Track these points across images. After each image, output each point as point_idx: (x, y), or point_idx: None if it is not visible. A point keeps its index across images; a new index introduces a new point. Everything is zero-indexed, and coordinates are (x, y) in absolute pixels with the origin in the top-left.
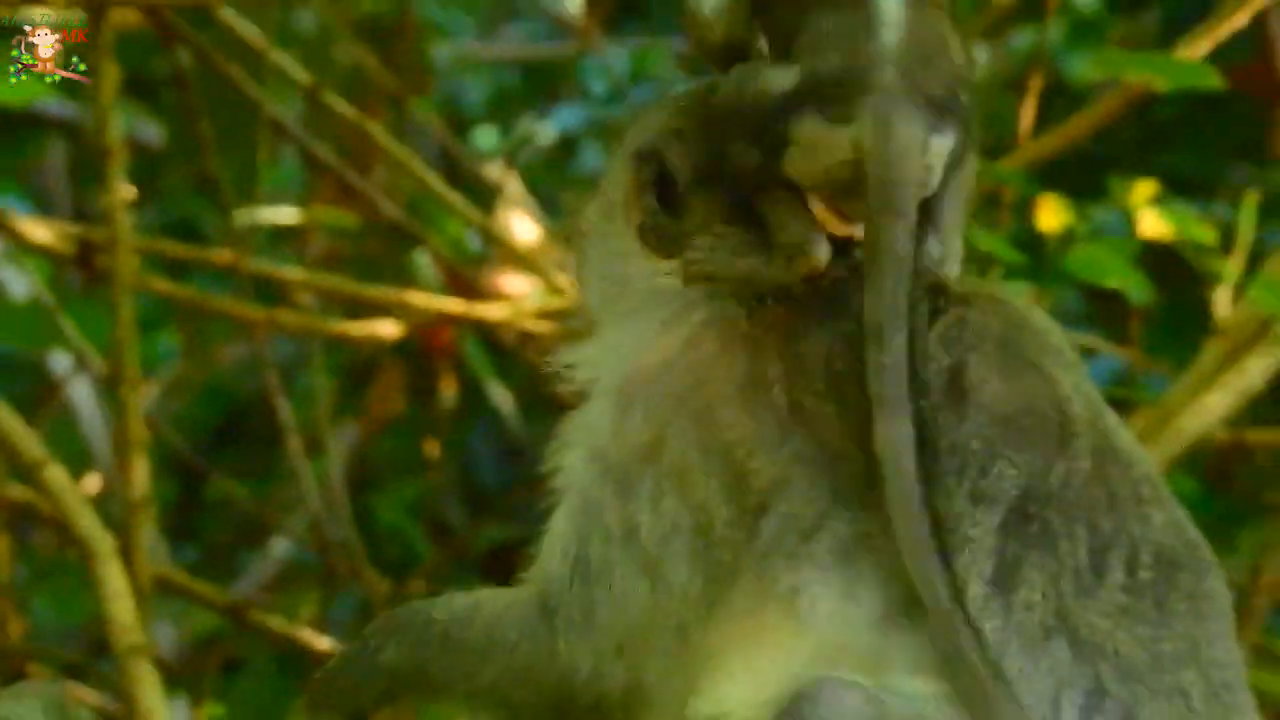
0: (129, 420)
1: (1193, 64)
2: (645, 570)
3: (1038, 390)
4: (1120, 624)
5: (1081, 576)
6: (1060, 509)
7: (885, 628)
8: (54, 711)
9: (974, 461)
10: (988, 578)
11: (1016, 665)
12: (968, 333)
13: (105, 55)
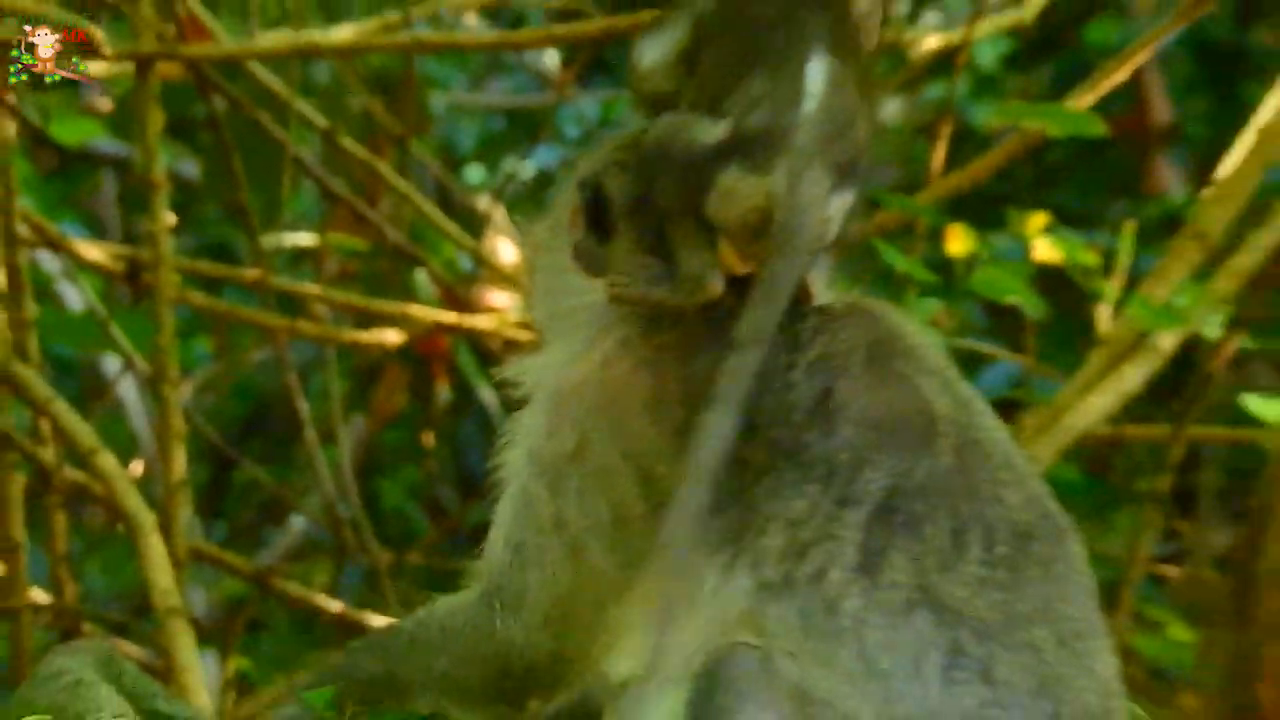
0: (169, 414)
1: (1079, 114)
2: (571, 555)
3: (903, 398)
4: (978, 593)
5: (943, 555)
6: (924, 500)
7: (758, 599)
8: (103, 665)
9: (841, 471)
10: (851, 565)
11: (877, 635)
12: (836, 353)
13: (151, 102)
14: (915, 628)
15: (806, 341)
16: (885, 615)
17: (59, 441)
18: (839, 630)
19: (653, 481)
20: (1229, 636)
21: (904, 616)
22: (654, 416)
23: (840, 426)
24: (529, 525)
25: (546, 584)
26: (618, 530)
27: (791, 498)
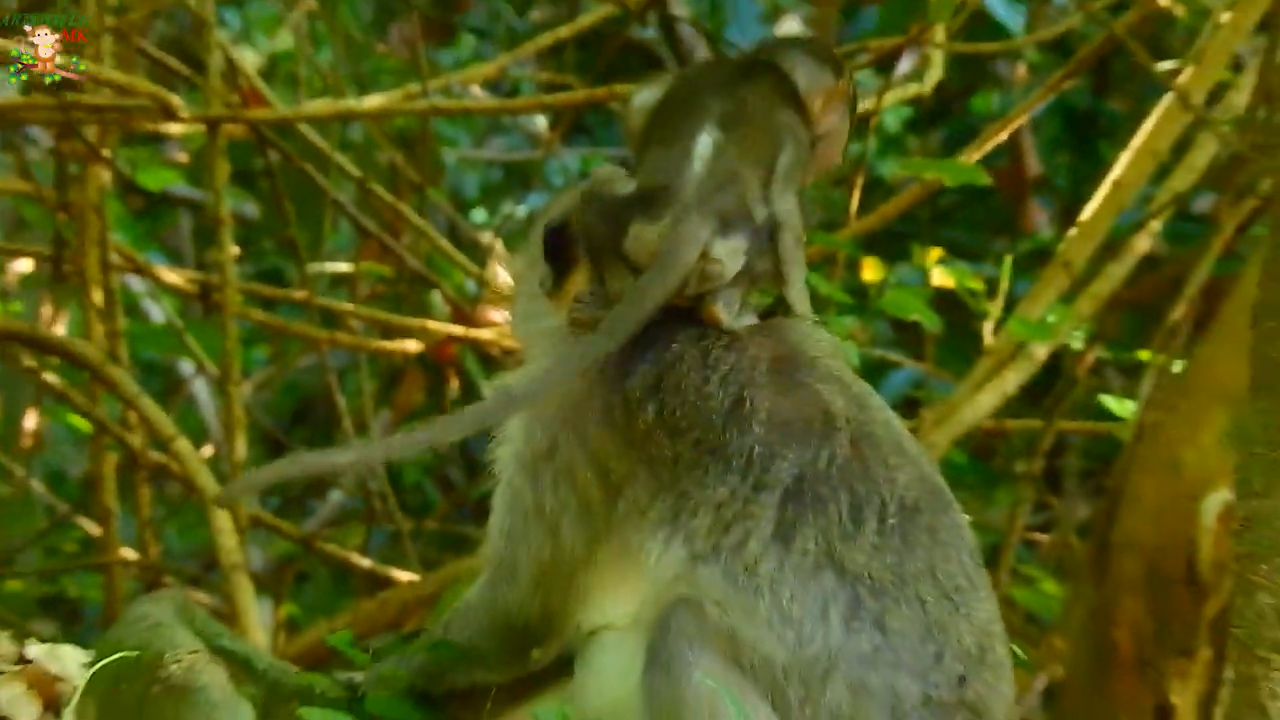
0: (232, 407)
1: (966, 167)
2: (549, 534)
3: (805, 401)
4: (874, 557)
5: (845, 527)
6: (827, 483)
7: (689, 569)
8: (179, 610)
9: (756, 462)
10: (767, 537)
11: (790, 591)
12: (744, 368)
13: (219, 155)
14: (821, 586)
15: (718, 359)
16: (796, 576)
17: (144, 429)
18: (758, 587)
19: (607, 475)
20: (1089, 591)
21: (812, 577)
22: (607, 425)
23: (753, 427)
24: (516, 512)
25: (532, 558)
26: (583, 513)
27: (715, 486)
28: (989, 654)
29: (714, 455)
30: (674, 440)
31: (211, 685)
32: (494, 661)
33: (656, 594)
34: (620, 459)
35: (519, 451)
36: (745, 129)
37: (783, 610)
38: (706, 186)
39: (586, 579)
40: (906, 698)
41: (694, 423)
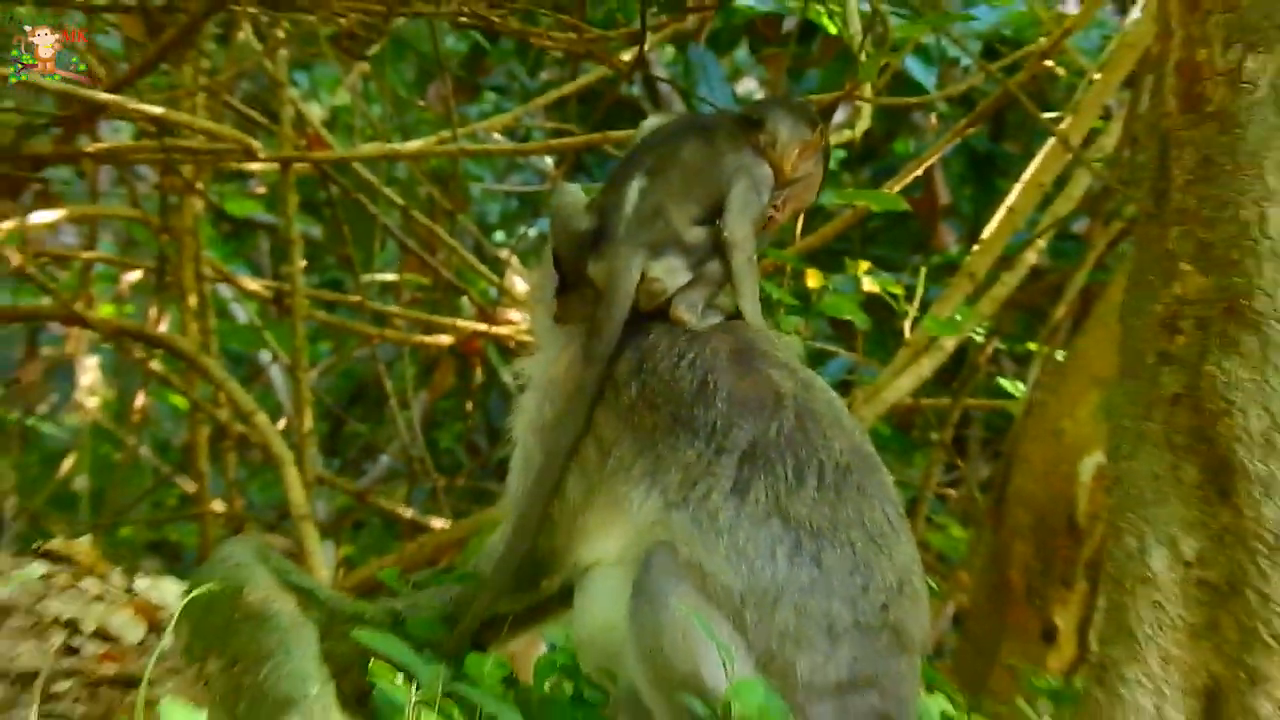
0: (301, 389)
1: (890, 196)
2: (552, 487)
3: (758, 383)
4: (813, 508)
5: (790, 484)
6: (775, 449)
7: (665, 512)
8: (258, 551)
9: (718, 431)
10: (726, 491)
11: (743, 534)
12: (708, 356)
13: (289, 188)
14: (770, 530)
15: (685, 349)
16: (750, 522)
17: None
18: (719, 531)
19: (601, 440)
20: (989, 536)
21: (762, 523)
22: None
23: (716, 403)
24: (528, 468)
25: (542, 507)
26: (581, 471)
27: (685, 449)
28: (907, 586)
29: (684, 425)
30: (652, 412)
31: (283, 612)
32: (510, 592)
33: (638, 536)
34: (610, 427)
35: (531, 420)
36: (674, 175)
37: (739, 549)
38: (633, 224)
39: (584, 522)
40: (840, 620)
41: (668, 399)
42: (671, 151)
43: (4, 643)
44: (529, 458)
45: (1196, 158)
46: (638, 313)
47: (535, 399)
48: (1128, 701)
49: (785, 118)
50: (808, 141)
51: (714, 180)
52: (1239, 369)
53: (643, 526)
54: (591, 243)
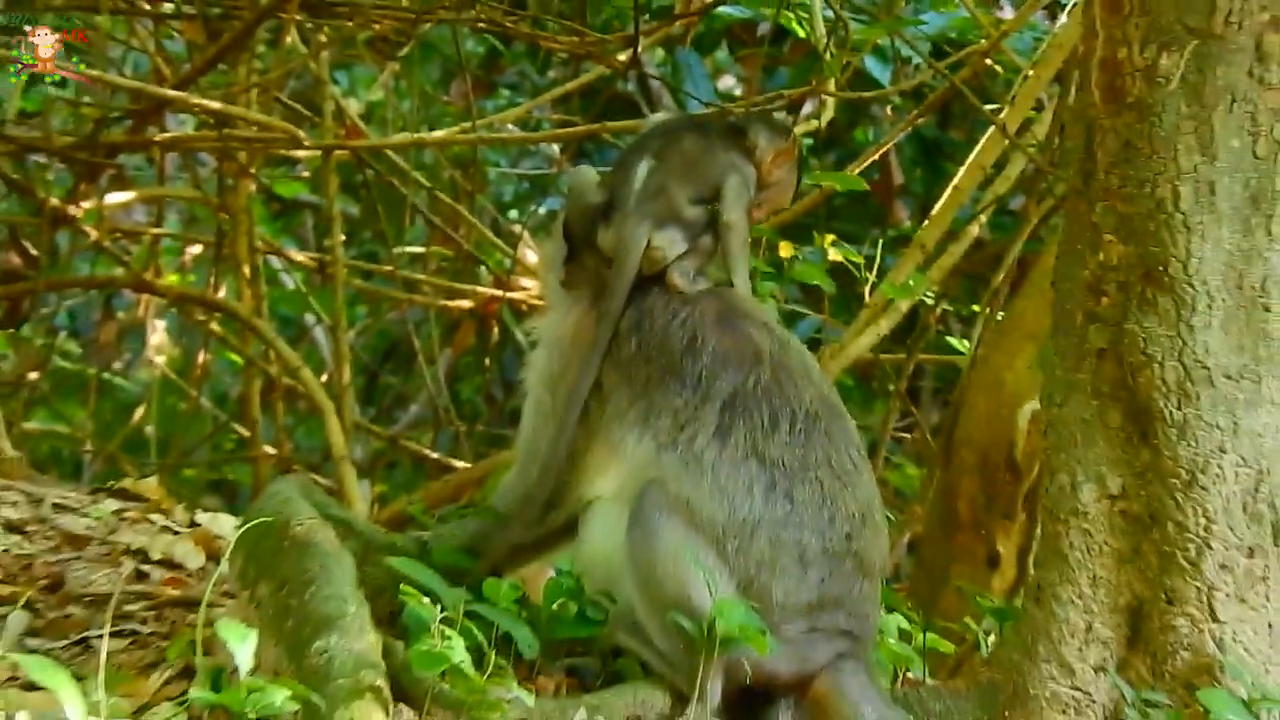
0: (341, 347)
1: (852, 178)
2: (560, 431)
3: (741, 340)
4: (785, 450)
5: (765, 429)
6: (753, 398)
7: (656, 452)
8: (303, 489)
9: (703, 382)
10: (710, 434)
11: (724, 473)
12: (697, 316)
13: (331, 172)
14: (748, 470)
15: (678, 310)
16: (730, 463)
17: (279, 362)
18: (703, 470)
19: (601, 387)
20: (939, 473)
21: (742, 464)
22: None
23: (702, 356)
24: (539, 415)
25: (549, 450)
26: (584, 416)
27: (674, 396)
28: (869, 519)
29: (674, 376)
30: (647, 364)
31: (324, 541)
32: (522, 524)
33: (632, 474)
34: (609, 375)
35: (541, 371)
36: (676, 160)
37: (721, 486)
38: (641, 198)
39: (586, 462)
40: (810, 548)
41: (661, 352)
42: (674, 141)
43: (82, 569)
44: (539, 405)
45: (1118, 143)
46: (640, 277)
47: (545, 354)
48: (1061, 619)
49: (764, 130)
50: (781, 150)
51: (710, 170)
52: (1156, 327)
53: (636, 466)
54: (602, 214)
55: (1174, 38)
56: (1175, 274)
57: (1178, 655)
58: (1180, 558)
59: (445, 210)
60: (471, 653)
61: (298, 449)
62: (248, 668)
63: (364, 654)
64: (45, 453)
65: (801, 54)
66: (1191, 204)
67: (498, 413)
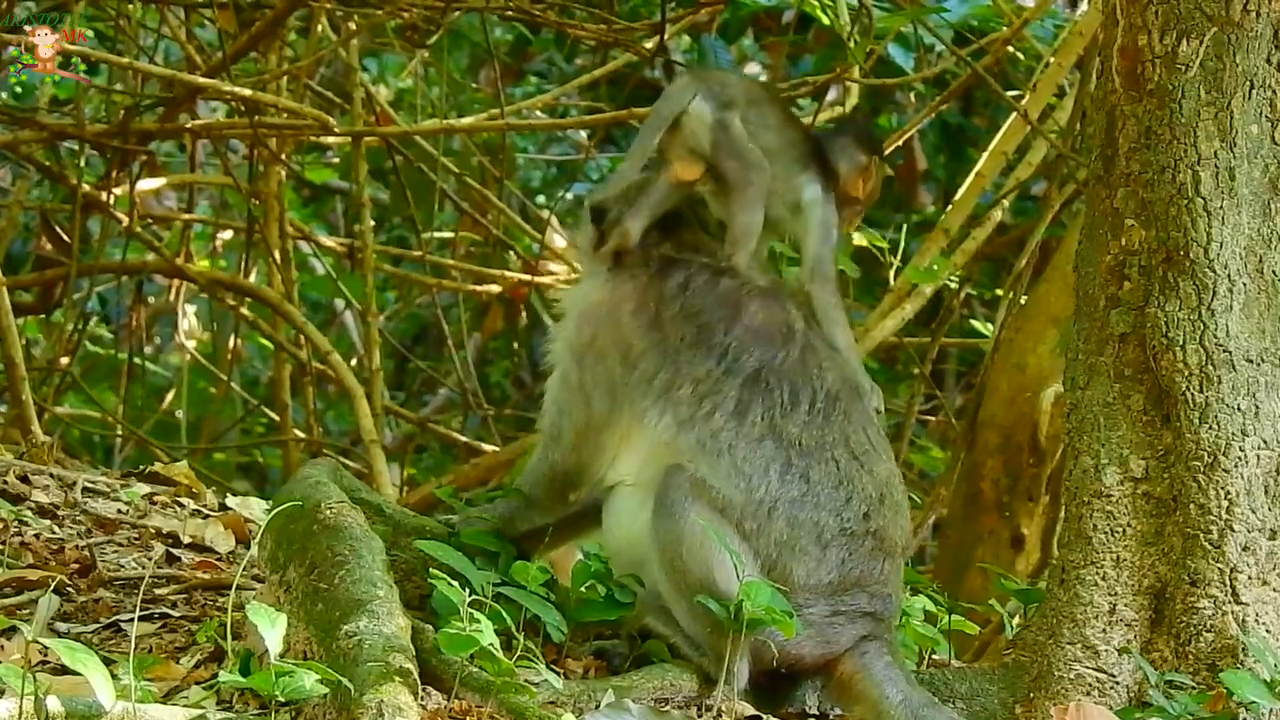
0: (371, 332)
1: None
2: (584, 404)
3: (776, 317)
4: (804, 430)
5: (785, 407)
6: (777, 374)
7: (675, 432)
8: (333, 472)
9: (731, 351)
10: (729, 411)
11: (742, 453)
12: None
13: (360, 159)
14: (764, 449)
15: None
16: (747, 442)
17: (309, 347)
18: (720, 450)
19: (629, 354)
20: (964, 455)
21: (758, 443)
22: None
23: (735, 327)
24: (564, 388)
25: (572, 423)
26: (608, 387)
27: (699, 365)
28: (887, 498)
29: (705, 343)
30: (683, 324)
31: (354, 524)
32: (545, 504)
33: (653, 455)
34: (641, 339)
35: (570, 341)
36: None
37: (738, 466)
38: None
39: (609, 439)
40: (827, 528)
41: (701, 313)
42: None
43: (112, 553)
44: (565, 377)
45: (1138, 129)
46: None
47: (574, 323)
48: (1085, 600)
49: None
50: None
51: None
52: (1177, 310)
53: (656, 444)
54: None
55: (1193, 25)
56: (1196, 258)
57: (1201, 637)
58: (1203, 540)
59: (474, 196)
60: (500, 635)
61: (327, 433)
62: (277, 651)
63: (393, 637)
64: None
65: (826, 41)
66: (1212, 189)
67: (526, 396)
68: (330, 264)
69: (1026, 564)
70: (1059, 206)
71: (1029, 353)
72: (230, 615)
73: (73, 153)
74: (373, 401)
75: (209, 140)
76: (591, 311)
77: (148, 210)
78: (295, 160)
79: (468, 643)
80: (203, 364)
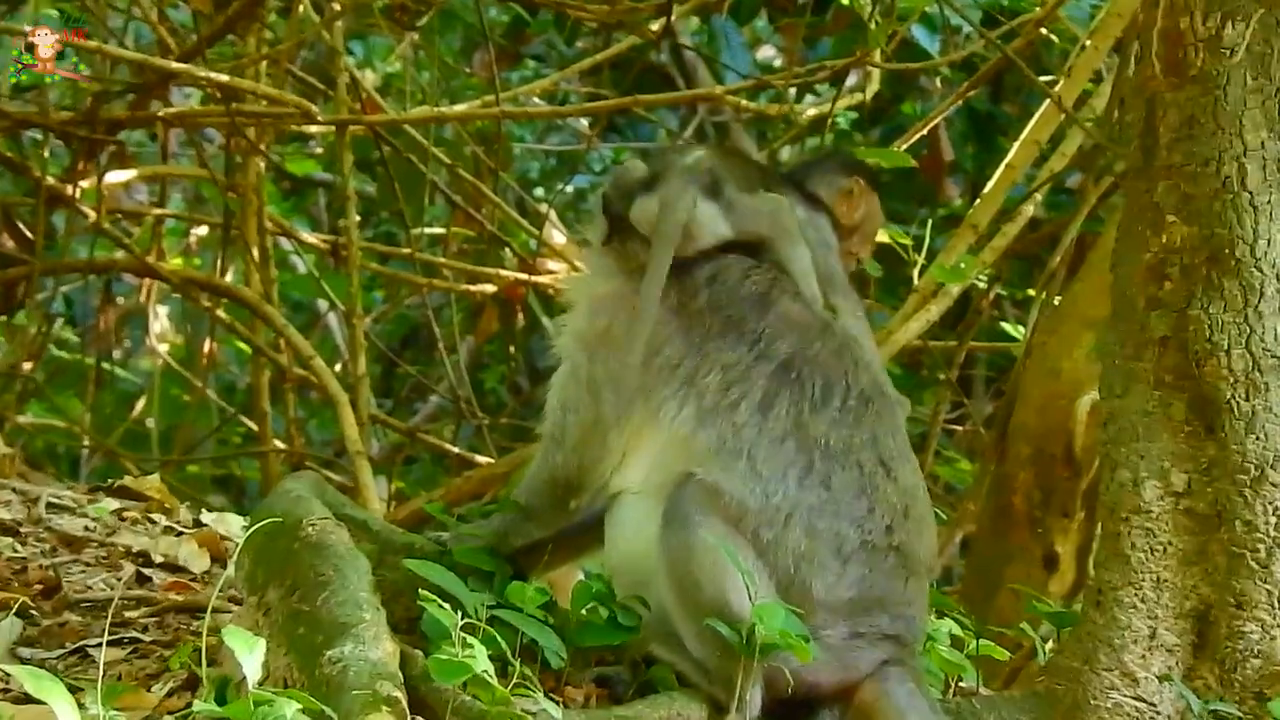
0: (356, 335)
1: (899, 154)
2: (593, 400)
3: (812, 315)
4: (831, 430)
5: (814, 403)
6: (810, 366)
7: (694, 426)
8: (315, 486)
9: (763, 339)
10: (755, 403)
11: (761, 455)
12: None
13: (345, 149)
14: (786, 450)
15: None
16: (769, 440)
17: (290, 351)
18: (738, 450)
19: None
20: (993, 468)
21: (779, 442)
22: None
23: (769, 314)
24: (571, 382)
25: (578, 422)
26: (619, 380)
27: (729, 350)
28: (911, 510)
29: (735, 328)
30: (711, 314)
31: (338, 542)
32: (544, 514)
33: (664, 456)
34: (664, 325)
35: (580, 332)
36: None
37: (755, 469)
38: (691, 171)
39: (616, 439)
40: (847, 540)
41: (730, 302)
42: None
43: (79, 573)
44: (574, 368)
45: (1180, 117)
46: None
47: (583, 314)
48: (1124, 624)
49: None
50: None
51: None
52: (1222, 313)
53: (670, 443)
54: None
55: (1239, 6)
56: (1242, 256)
57: (1247, 663)
58: (1249, 559)
59: (467, 189)
60: (495, 661)
61: (310, 443)
62: (256, 678)
63: (380, 663)
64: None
65: (845, 23)
66: (1259, 182)
67: (523, 404)
68: (313, 262)
69: (1060, 584)
70: (1096, 200)
71: (1063, 358)
72: (205, 640)
73: (36, 142)
74: (358, 410)
75: (183, 129)
76: (606, 300)
77: (117, 204)
78: (275, 151)
79: (460, 669)
80: (176, 369)
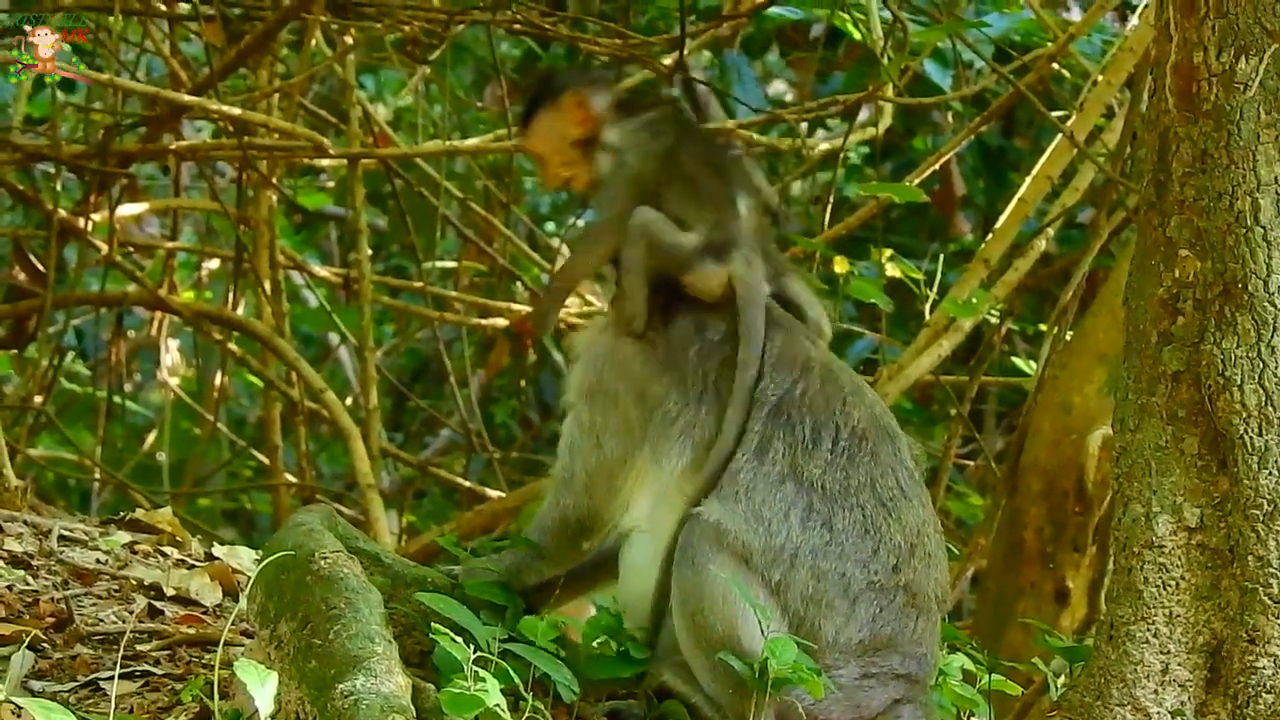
0: (367, 368)
1: (910, 189)
2: (597, 446)
3: (798, 350)
4: (826, 471)
5: (806, 445)
6: (798, 407)
7: (686, 476)
8: (327, 519)
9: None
10: (751, 448)
11: (761, 497)
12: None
13: (357, 182)
14: (784, 492)
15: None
16: (766, 483)
17: (302, 384)
18: (737, 493)
19: (645, 396)
20: (1005, 502)
21: (778, 485)
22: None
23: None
24: (576, 431)
25: (585, 467)
26: (623, 429)
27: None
28: (918, 548)
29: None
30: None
31: (350, 575)
32: (556, 554)
33: (667, 499)
34: (656, 382)
35: (580, 384)
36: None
37: (755, 511)
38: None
39: (622, 482)
40: (854, 581)
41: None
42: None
43: (90, 606)
44: (577, 417)
45: (1193, 152)
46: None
47: (586, 367)
48: (1136, 659)
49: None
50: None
51: None
52: (1235, 348)
53: (671, 487)
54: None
55: (1252, 41)
56: (1255, 291)
57: (1260, 699)
58: (1262, 594)
59: (478, 222)
60: (507, 695)
61: (321, 477)
62: (268, 712)
63: (392, 696)
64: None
65: (857, 57)
66: (1272, 217)
67: (533, 437)
68: (324, 295)
69: (1072, 619)
70: (1107, 235)
71: (1075, 392)
72: (217, 673)
73: (48, 175)
74: (369, 443)
75: (194, 162)
76: (597, 353)
77: (128, 237)
78: (287, 184)
79: (472, 703)
80: (187, 402)
